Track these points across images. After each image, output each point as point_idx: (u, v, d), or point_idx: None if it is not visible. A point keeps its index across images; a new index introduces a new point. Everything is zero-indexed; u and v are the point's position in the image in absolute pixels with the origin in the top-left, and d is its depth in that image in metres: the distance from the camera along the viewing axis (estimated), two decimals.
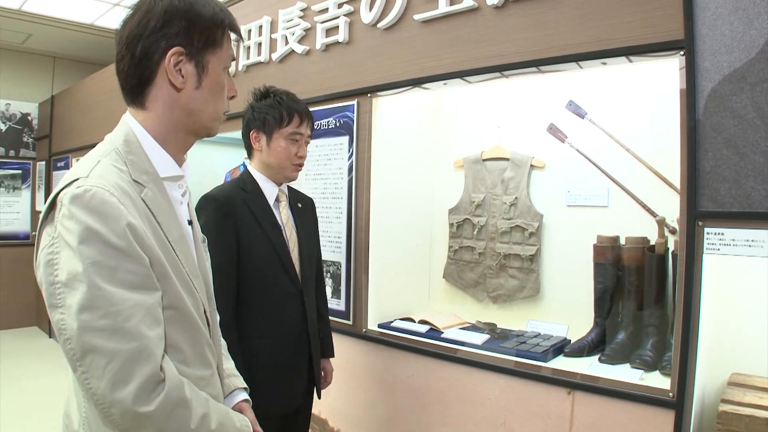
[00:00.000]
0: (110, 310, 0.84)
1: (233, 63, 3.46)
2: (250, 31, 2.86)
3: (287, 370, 1.82)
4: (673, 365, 1.48)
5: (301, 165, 1.84)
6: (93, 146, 1.02)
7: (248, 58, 2.89)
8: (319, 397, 1.97)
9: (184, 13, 0.99)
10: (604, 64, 1.68)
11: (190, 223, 1.14)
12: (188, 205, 1.15)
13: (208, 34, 1.02)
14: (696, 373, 1.44)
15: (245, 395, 1.27)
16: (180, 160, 1.09)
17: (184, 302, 0.98)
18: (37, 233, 0.94)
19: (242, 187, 1.80)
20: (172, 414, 0.89)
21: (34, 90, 6.38)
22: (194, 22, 1.00)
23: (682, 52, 1.46)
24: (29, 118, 6.38)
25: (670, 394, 1.47)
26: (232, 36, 1.10)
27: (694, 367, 1.44)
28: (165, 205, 1.01)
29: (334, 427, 2.42)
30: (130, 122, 1.02)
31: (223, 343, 1.34)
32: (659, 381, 1.60)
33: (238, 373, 1.31)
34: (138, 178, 0.97)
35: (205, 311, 1.07)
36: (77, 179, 0.89)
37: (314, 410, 2.46)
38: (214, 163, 3.49)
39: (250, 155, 1.87)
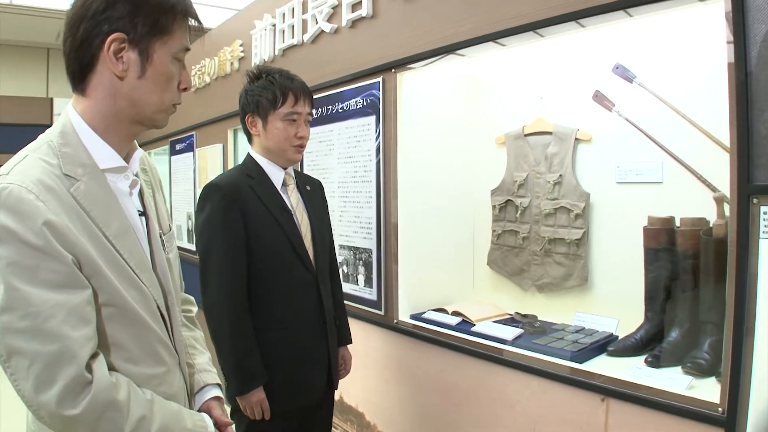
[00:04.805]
0: (28, 311, 0.82)
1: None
2: (284, 14, 2.78)
3: (306, 361, 1.75)
4: (723, 374, 1.22)
5: (302, 146, 1.75)
6: None
7: (283, 41, 2.82)
8: (336, 387, 1.88)
9: None
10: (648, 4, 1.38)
11: (143, 214, 1.08)
12: (140, 195, 1.09)
13: (154, 20, 0.95)
14: (752, 384, 1.17)
15: (217, 392, 1.21)
16: (124, 150, 1.04)
17: (124, 299, 0.94)
18: None
19: (247, 174, 1.73)
20: (102, 417, 0.86)
21: None
22: (140, 6, 0.94)
23: None
24: None
25: (720, 409, 1.22)
26: (192, 23, 1.02)
27: (749, 377, 1.17)
28: (103, 199, 0.96)
29: (370, 421, 2.33)
30: (69, 113, 0.99)
31: (199, 335, 1.29)
32: (711, 391, 1.32)
33: (212, 368, 1.25)
34: (70, 172, 0.93)
35: (159, 307, 1.02)
36: None
37: (352, 402, 2.40)
38: None
39: (250, 141, 1.80)
